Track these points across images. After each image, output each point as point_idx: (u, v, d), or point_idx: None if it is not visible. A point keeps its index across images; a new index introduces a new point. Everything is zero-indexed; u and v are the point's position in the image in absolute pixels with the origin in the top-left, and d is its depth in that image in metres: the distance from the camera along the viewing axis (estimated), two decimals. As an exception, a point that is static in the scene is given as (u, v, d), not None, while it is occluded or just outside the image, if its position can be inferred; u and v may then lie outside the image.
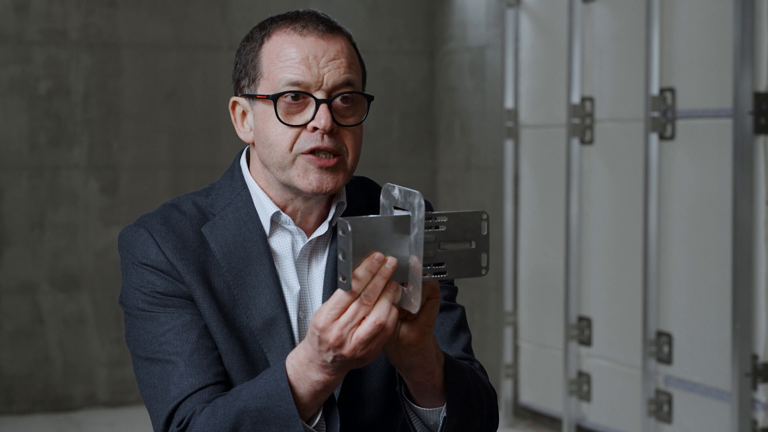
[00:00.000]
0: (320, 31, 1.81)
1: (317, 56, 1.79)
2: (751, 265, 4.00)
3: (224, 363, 1.80)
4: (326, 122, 1.78)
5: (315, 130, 1.79)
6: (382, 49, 5.82)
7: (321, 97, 1.79)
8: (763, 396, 4.01)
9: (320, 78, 1.79)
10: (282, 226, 1.87)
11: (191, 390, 1.75)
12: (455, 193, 5.73)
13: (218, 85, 5.54)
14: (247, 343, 1.81)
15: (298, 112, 1.80)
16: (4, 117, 5.29)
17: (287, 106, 1.79)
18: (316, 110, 1.78)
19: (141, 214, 1.89)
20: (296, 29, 1.81)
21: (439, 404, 1.76)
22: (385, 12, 5.82)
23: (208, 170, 5.52)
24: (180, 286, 1.80)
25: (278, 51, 1.81)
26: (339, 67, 1.80)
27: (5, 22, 5.28)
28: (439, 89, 5.86)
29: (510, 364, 5.32)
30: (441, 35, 5.83)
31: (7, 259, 5.32)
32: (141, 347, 1.81)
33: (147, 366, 1.79)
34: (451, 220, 1.57)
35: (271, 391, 1.66)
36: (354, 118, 1.82)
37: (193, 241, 1.83)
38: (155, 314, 1.80)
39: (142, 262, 1.82)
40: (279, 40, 1.81)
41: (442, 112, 5.84)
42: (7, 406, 5.32)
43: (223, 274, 1.82)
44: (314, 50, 1.79)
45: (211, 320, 1.80)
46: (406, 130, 5.91)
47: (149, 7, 5.47)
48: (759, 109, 3.94)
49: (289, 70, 1.79)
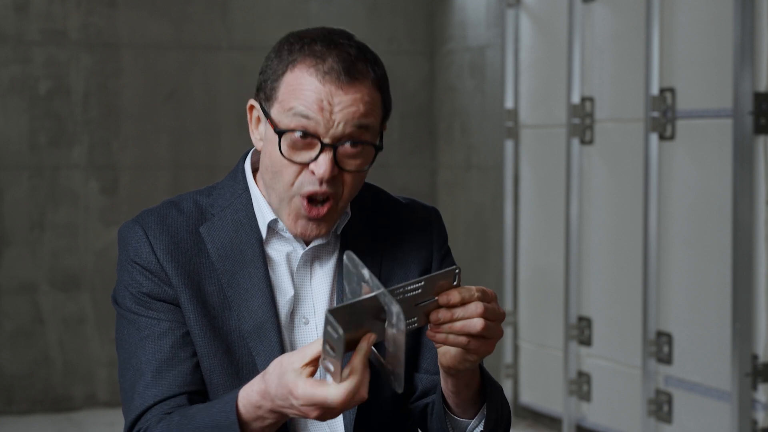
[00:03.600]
0: (341, 81, 1.77)
1: (332, 103, 1.76)
2: (751, 265, 4.00)
3: (206, 366, 1.81)
4: (325, 171, 1.76)
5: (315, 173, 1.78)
6: (382, 50, 5.81)
7: (327, 141, 1.76)
8: (763, 396, 4.01)
9: (330, 123, 1.76)
10: (279, 233, 1.87)
11: (153, 401, 1.77)
12: (455, 193, 5.73)
13: (218, 85, 5.54)
14: (235, 346, 1.82)
15: (303, 149, 1.77)
16: (4, 117, 5.29)
17: (293, 142, 1.77)
18: (319, 154, 1.76)
19: (142, 210, 1.90)
20: (319, 71, 1.77)
21: (470, 414, 1.79)
22: (385, 12, 5.82)
23: (208, 170, 5.52)
24: (165, 289, 1.81)
25: (296, 85, 1.78)
26: (353, 117, 1.77)
27: (5, 22, 5.28)
28: (439, 89, 5.86)
29: (510, 364, 5.32)
30: (441, 35, 5.83)
31: (7, 259, 5.32)
32: (121, 350, 1.84)
33: (123, 370, 1.82)
34: (427, 283, 1.58)
35: (221, 422, 1.67)
36: (358, 163, 1.80)
37: (188, 242, 1.84)
38: (137, 317, 1.82)
39: (133, 260, 1.83)
40: (300, 75, 1.78)
41: (442, 112, 5.84)
42: (7, 406, 5.32)
43: (217, 276, 1.83)
44: (330, 97, 1.76)
45: (196, 324, 1.81)
46: (406, 130, 5.91)
47: (149, 7, 5.47)
48: (759, 109, 3.94)
49: (302, 109, 1.76)
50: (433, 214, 1.97)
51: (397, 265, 1.90)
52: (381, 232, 1.91)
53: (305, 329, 1.86)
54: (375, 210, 1.93)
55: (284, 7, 5.62)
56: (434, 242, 1.94)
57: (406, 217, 1.94)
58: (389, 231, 1.92)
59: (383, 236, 1.91)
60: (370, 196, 1.95)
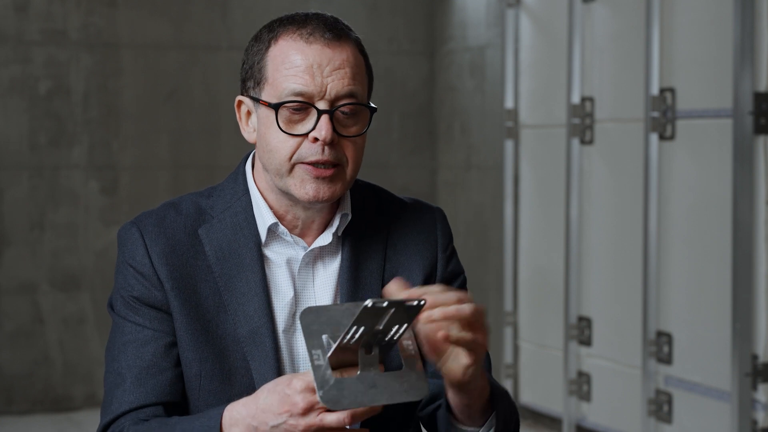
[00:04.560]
0: (326, 38, 1.80)
1: (321, 65, 1.78)
2: (751, 265, 4.00)
3: (194, 372, 1.81)
4: (327, 133, 1.77)
5: (316, 140, 1.78)
6: (382, 50, 5.82)
7: (323, 107, 1.78)
8: (763, 396, 4.01)
9: (323, 88, 1.78)
10: (280, 236, 1.86)
11: (129, 407, 1.78)
12: (455, 193, 5.73)
13: (218, 85, 5.54)
14: (228, 351, 1.82)
15: (299, 121, 1.79)
16: (4, 117, 5.29)
17: (289, 115, 1.79)
18: (317, 121, 1.78)
19: (142, 211, 1.91)
20: (302, 35, 1.80)
21: (478, 423, 1.78)
22: (385, 12, 5.82)
23: (208, 170, 5.52)
24: (156, 294, 1.82)
25: (283, 57, 1.80)
26: (343, 78, 1.79)
27: (5, 22, 5.28)
28: (439, 89, 5.86)
29: (510, 364, 5.32)
30: (441, 35, 5.83)
31: (7, 259, 5.32)
32: (108, 353, 1.85)
33: (107, 374, 1.84)
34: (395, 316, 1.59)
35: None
36: (356, 128, 1.81)
37: (185, 244, 1.84)
38: (124, 322, 1.83)
39: (128, 263, 1.84)
40: (285, 45, 1.81)
41: (442, 112, 5.84)
42: (7, 406, 5.32)
43: (214, 279, 1.83)
44: (319, 59, 1.78)
45: (188, 328, 1.81)
46: (406, 130, 5.91)
47: (149, 7, 5.47)
48: (759, 109, 3.94)
49: (293, 79, 1.78)
50: (438, 215, 1.96)
51: (401, 267, 1.89)
52: (384, 234, 1.90)
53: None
54: (377, 211, 1.92)
55: (284, 7, 5.61)
56: (439, 243, 1.93)
57: (410, 217, 1.94)
58: (392, 232, 1.91)
59: (386, 238, 1.90)
60: (372, 196, 1.94)
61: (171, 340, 1.81)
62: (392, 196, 1.97)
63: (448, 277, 1.92)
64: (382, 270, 1.88)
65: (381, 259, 1.88)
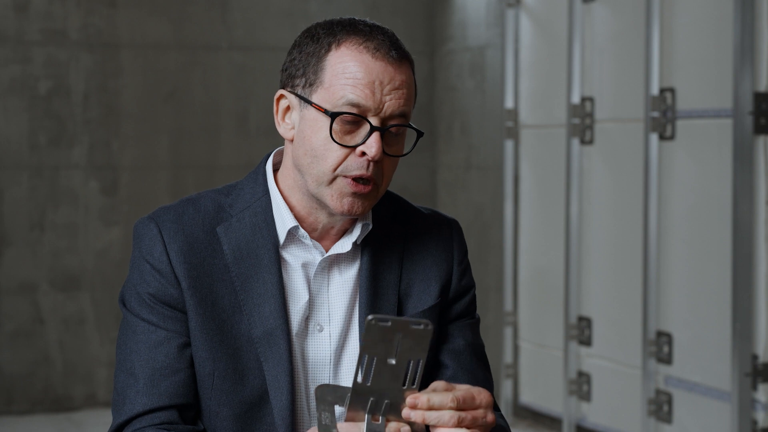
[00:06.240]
0: (392, 57, 1.78)
1: (383, 82, 1.77)
2: (751, 265, 4.00)
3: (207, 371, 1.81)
4: (377, 151, 1.76)
5: (363, 155, 1.77)
6: (382, 49, 5.81)
7: (376, 123, 1.77)
8: (763, 396, 4.01)
9: (380, 105, 1.77)
10: (300, 239, 1.85)
11: (142, 410, 1.78)
12: (455, 193, 5.73)
13: (218, 85, 5.54)
14: (242, 351, 1.81)
15: (349, 132, 1.78)
16: (4, 117, 5.29)
17: (342, 126, 1.77)
18: (368, 136, 1.77)
19: (159, 207, 1.89)
20: (369, 49, 1.77)
21: None
22: (385, 12, 5.82)
23: (208, 170, 5.51)
24: (172, 292, 1.81)
25: (345, 66, 1.77)
26: (400, 98, 1.78)
27: (5, 22, 5.28)
28: (439, 89, 5.86)
29: (510, 364, 5.32)
30: (441, 35, 5.83)
31: (7, 259, 5.32)
32: (119, 350, 1.84)
33: (118, 372, 1.83)
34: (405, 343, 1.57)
35: None
36: (396, 148, 1.81)
37: (203, 242, 1.83)
38: (138, 321, 1.82)
39: (145, 258, 1.82)
40: (349, 54, 1.78)
41: (442, 112, 5.84)
42: (7, 406, 5.32)
43: (231, 278, 1.82)
44: (381, 76, 1.77)
45: (203, 327, 1.80)
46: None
47: (149, 7, 5.47)
48: (759, 109, 3.94)
49: (352, 90, 1.76)
50: (455, 227, 1.96)
51: (417, 279, 1.90)
52: (402, 244, 1.90)
53: (319, 336, 1.85)
54: (396, 221, 1.92)
55: (284, 7, 5.62)
56: (455, 256, 1.94)
57: (427, 229, 1.94)
58: (410, 243, 1.91)
59: (404, 248, 1.90)
60: (391, 205, 1.94)
61: (184, 340, 1.81)
62: (410, 206, 1.97)
63: (461, 290, 1.93)
64: (398, 280, 1.88)
65: (398, 269, 1.88)
